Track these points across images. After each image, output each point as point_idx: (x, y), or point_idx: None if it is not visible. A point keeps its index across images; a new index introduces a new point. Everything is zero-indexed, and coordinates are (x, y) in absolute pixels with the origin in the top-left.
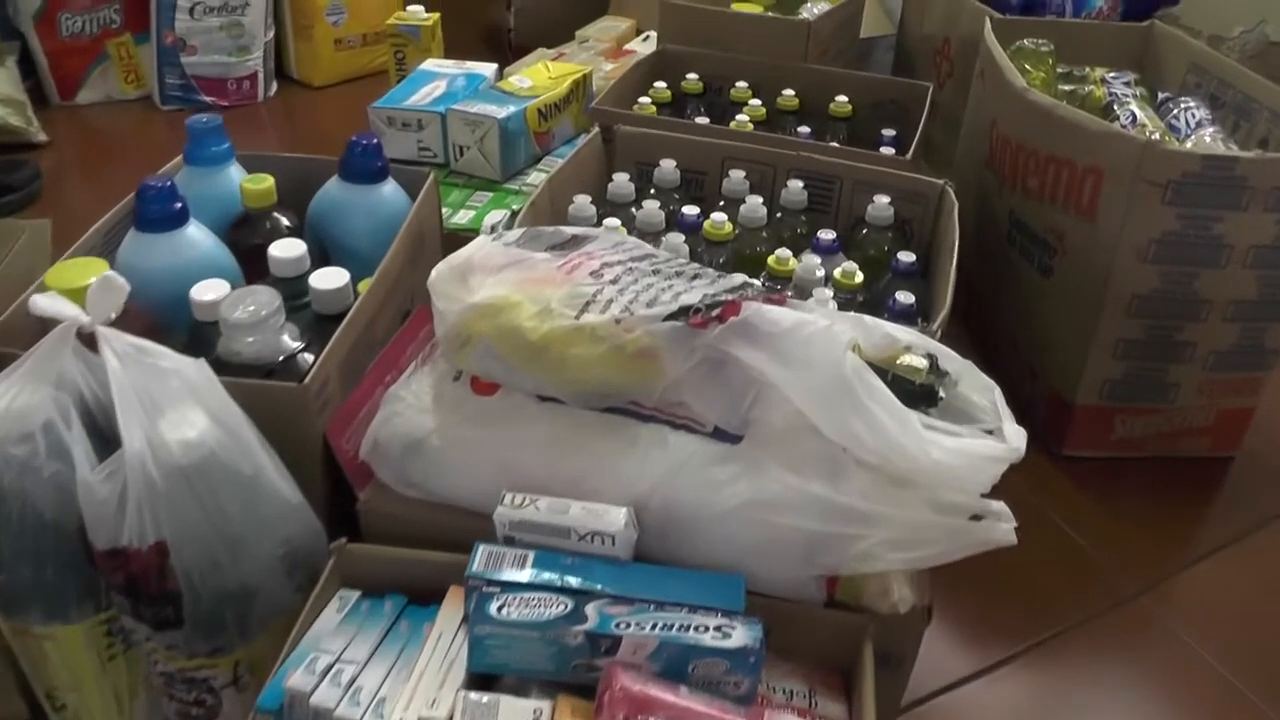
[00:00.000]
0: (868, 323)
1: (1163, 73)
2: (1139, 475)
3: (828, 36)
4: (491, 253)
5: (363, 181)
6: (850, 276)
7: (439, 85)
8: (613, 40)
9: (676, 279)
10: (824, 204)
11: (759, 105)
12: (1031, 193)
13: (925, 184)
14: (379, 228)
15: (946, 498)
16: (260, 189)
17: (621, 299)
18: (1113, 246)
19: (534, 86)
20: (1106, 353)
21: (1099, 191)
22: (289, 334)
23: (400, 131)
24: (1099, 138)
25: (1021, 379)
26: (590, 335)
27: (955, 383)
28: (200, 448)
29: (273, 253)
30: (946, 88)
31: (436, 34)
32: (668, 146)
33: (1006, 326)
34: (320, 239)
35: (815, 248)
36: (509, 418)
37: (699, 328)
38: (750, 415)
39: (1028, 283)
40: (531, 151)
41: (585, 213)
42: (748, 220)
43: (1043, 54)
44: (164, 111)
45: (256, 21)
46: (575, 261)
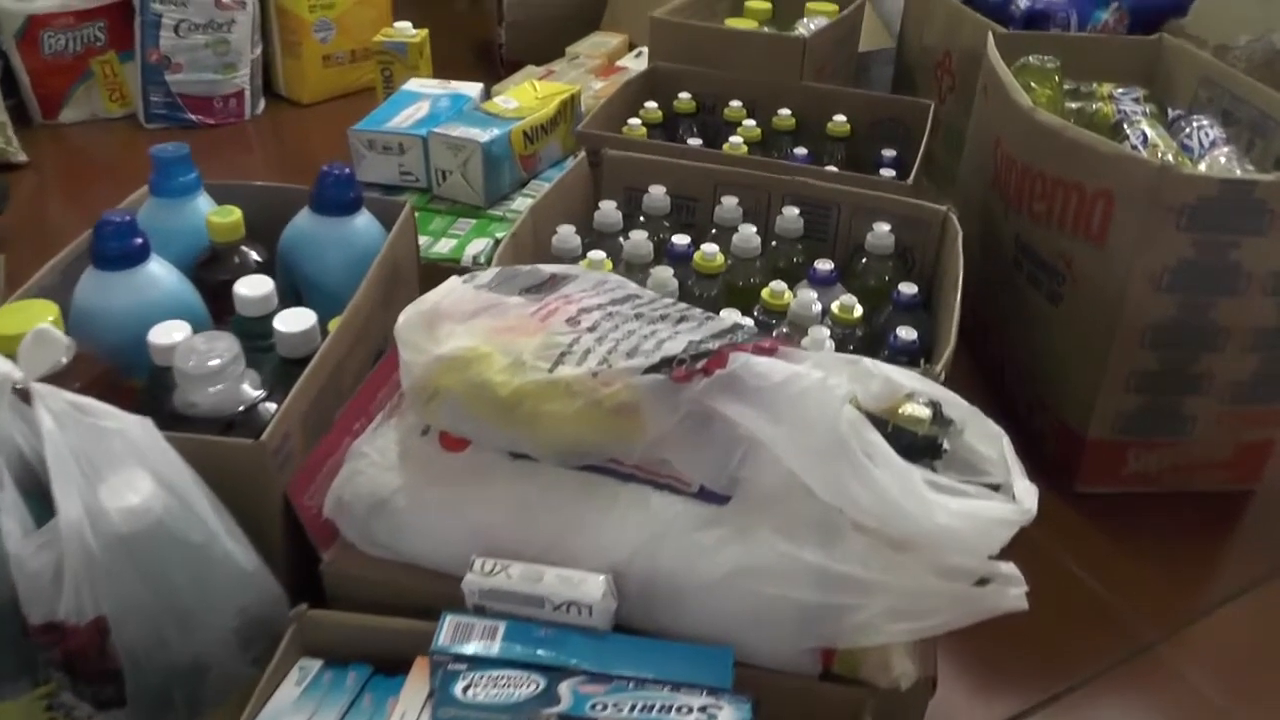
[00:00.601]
0: (866, 367)
1: (1172, 87)
2: (1154, 511)
3: (825, 53)
4: (461, 298)
5: (335, 213)
6: (849, 311)
7: (422, 106)
8: (604, 57)
9: (660, 323)
10: (821, 231)
11: (754, 126)
12: (1039, 217)
13: (927, 210)
14: (352, 262)
15: (951, 562)
16: (227, 222)
17: (599, 349)
18: (1125, 274)
19: (520, 107)
20: (1119, 385)
21: (1110, 217)
22: (250, 382)
23: (381, 155)
24: (1110, 160)
25: (1030, 410)
26: (565, 390)
27: (960, 431)
28: (144, 515)
29: (238, 291)
30: (948, 102)
31: (424, 51)
32: (657, 171)
33: (1013, 355)
34: (291, 274)
35: (812, 278)
36: (479, 476)
37: (682, 382)
38: (739, 474)
39: (1035, 310)
40: (517, 176)
41: (569, 244)
42: (741, 251)
43: (1048, 70)
44: (149, 130)
45: (243, 38)
46: (551, 306)
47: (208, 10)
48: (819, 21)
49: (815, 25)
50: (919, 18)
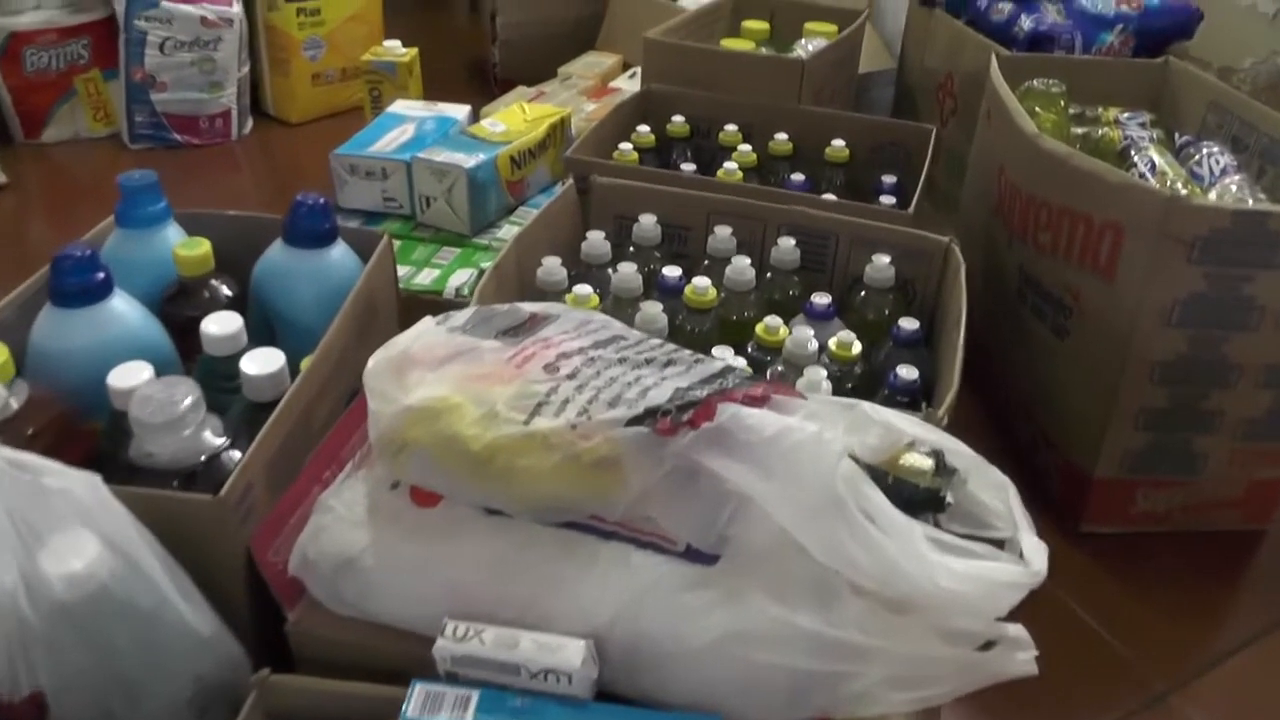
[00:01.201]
0: (864, 412)
1: (1180, 112)
2: (1164, 552)
3: (824, 75)
4: (433, 342)
5: (308, 245)
6: (847, 348)
7: (407, 129)
8: (597, 77)
9: (645, 368)
10: (818, 262)
11: (749, 151)
12: (1044, 247)
13: (929, 241)
14: (327, 297)
15: (955, 625)
16: (195, 255)
17: (579, 398)
18: (1134, 308)
19: (508, 131)
20: (1128, 422)
21: (1118, 249)
22: (212, 429)
23: (364, 180)
24: (1118, 190)
25: (1033, 446)
26: (541, 444)
27: (964, 481)
28: (88, 581)
29: (205, 329)
30: (950, 125)
31: (414, 70)
32: (648, 199)
33: (1016, 388)
34: (264, 309)
35: (808, 313)
36: (452, 533)
37: (667, 435)
38: (728, 532)
39: (1040, 344)
40: (504, 202)
41: (555, 277)
42: (734, 284)
43: (1054, 95)
44: (133, 150)
45: (229, 57)
46: (528, 351)
47: (193, 28)
48: (818, 43)
49: (814, 46)
50: (920, 39)
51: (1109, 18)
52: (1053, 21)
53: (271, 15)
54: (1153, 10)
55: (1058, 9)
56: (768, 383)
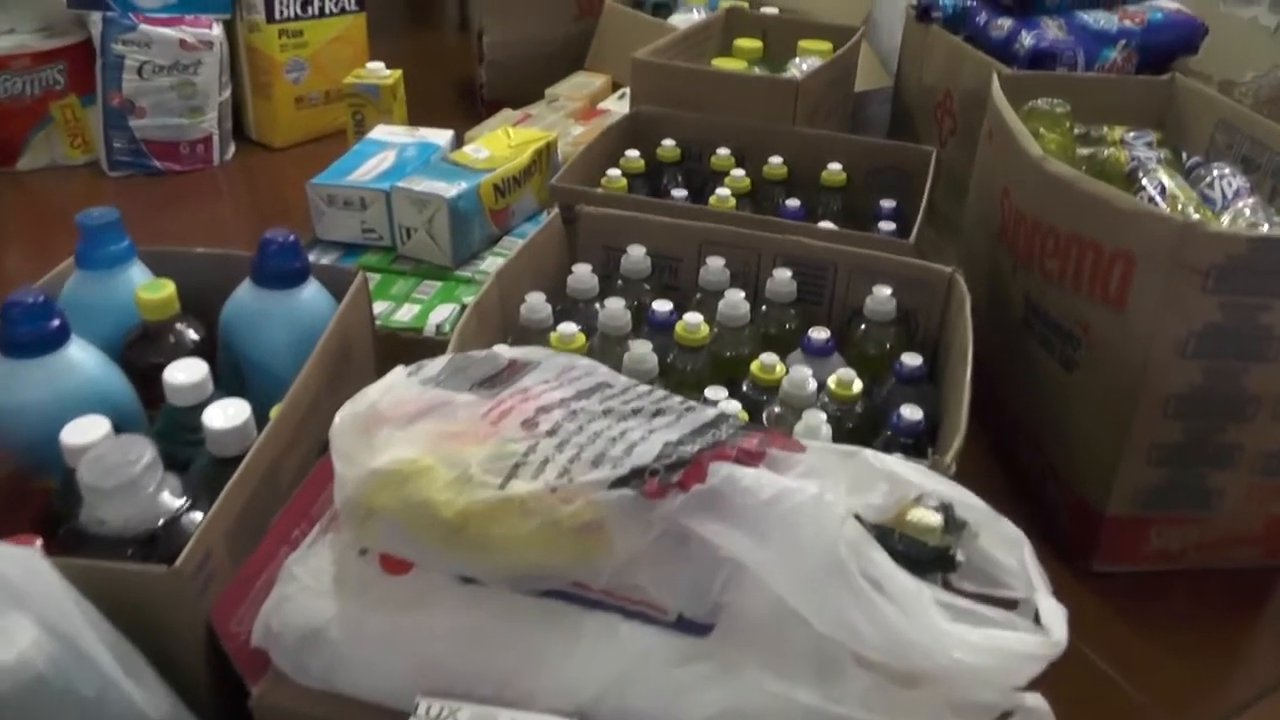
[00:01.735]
0: (866, 461)
1: (1187, 131)
2: (1179, 591)
3: (818, 95)
4: (402, 397)
5: (278, 286)
6: (847, 387)
7: (387, 156)
8: (585, 99)
9: (632, 419)
10: (815, 294)
11: (742, 176)
12: (1051, 275)
13: (931, 272)
14: (299, 340)
15: (969, 698)
16: (158, 299)
17: (560, 457)
18: (1147, 340)
19: (491, 157)
20: (1140, 458)
21: (1130, 278)
22: (170, 490)
23: (342, 211)
24: (1129, 218)
25: (1042, 480)
26: (519, 509)
27: (975, 535)
28: (21, 670)
29: (167, 378)
30: (949, 145)
31: (398, 93)
32: (637, 229)
33: (1023, 421)
34: (233, 354)
35: (806, 349)
36: (424, 602)
37: (655, 498)
38: (722, 599)
39: (1048, 376)
40: (487, 232)
41: (539, 314)
42: (727, 319)
43: (1058, 115)
44: (113, 178)
45: (210, 80)
46: (506, 405)
47: (172, 51)
48: (812, 61)
49: (808, 65)
50: (917, 55)
51: (1111, 33)
52: (1054, 38)
53: (253, 37)
54: (1156, 25)
55: (1059, 25)
56: (763, 431)
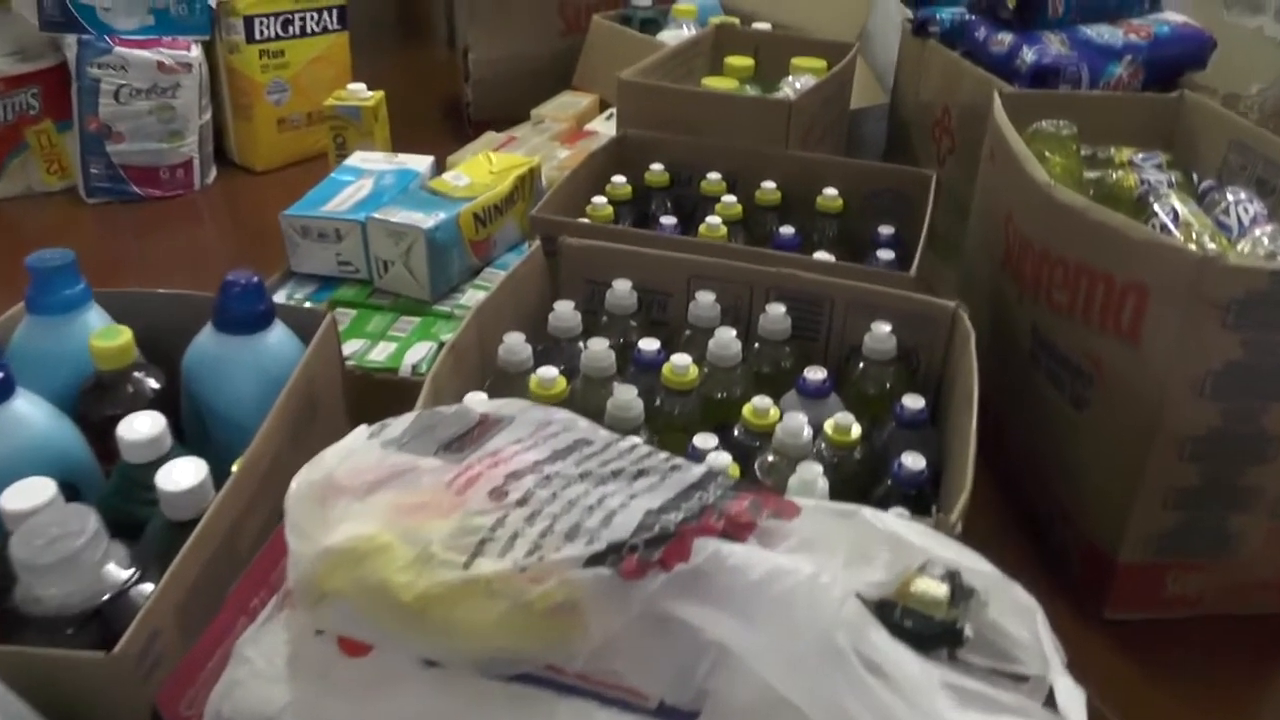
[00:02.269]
0: (867, 522)
1: (1198, 151)
2: (1196, 638)
3: (812, 115)
4: (361, 464)
5: (241, 331)
6: (845, 433)
7: (364, 184)
8: (571, 120)
9: (612, 482)
10: (811, 329)
11: (734, 202)
12: (1059, 307)
13: (934, 307)
14: (265, 388)
15: None
16: (113, 347)
17: (530, 531)
18: (1162, 378)
19: (471, 185)
20: (1155, 502)
21: (1143, 312)
22: (117, 561)
23: (316, 243)
24: (1143, 249)
25: (1050, 522)
26: (484, 591)
27: (984, 603)
28: None
29: (120, 434)
30: (948, 164)
31: (380, 114)
32: (622, 262)
33: (1030, 459)
34: (196, 403)
35: (801, 390)
36: (386, 688)
37: (634, 578)
38: (708, 685)
39: (1057, 413)
40: (467, 264)
41: (518, 356)
42: (718, 359)
43: (1064, 138)
44: (91, 205)
45: (190, 104)
46: (473, 472)
47: (150, 74)
48: (805, 80)
49: (802, 84)
50: (913, 71)
51: (1117, 48)
52: (1057, 53)
53: (233, 58)
54: (1163, 39)
55: (1061, 40)
56: (754, 490)
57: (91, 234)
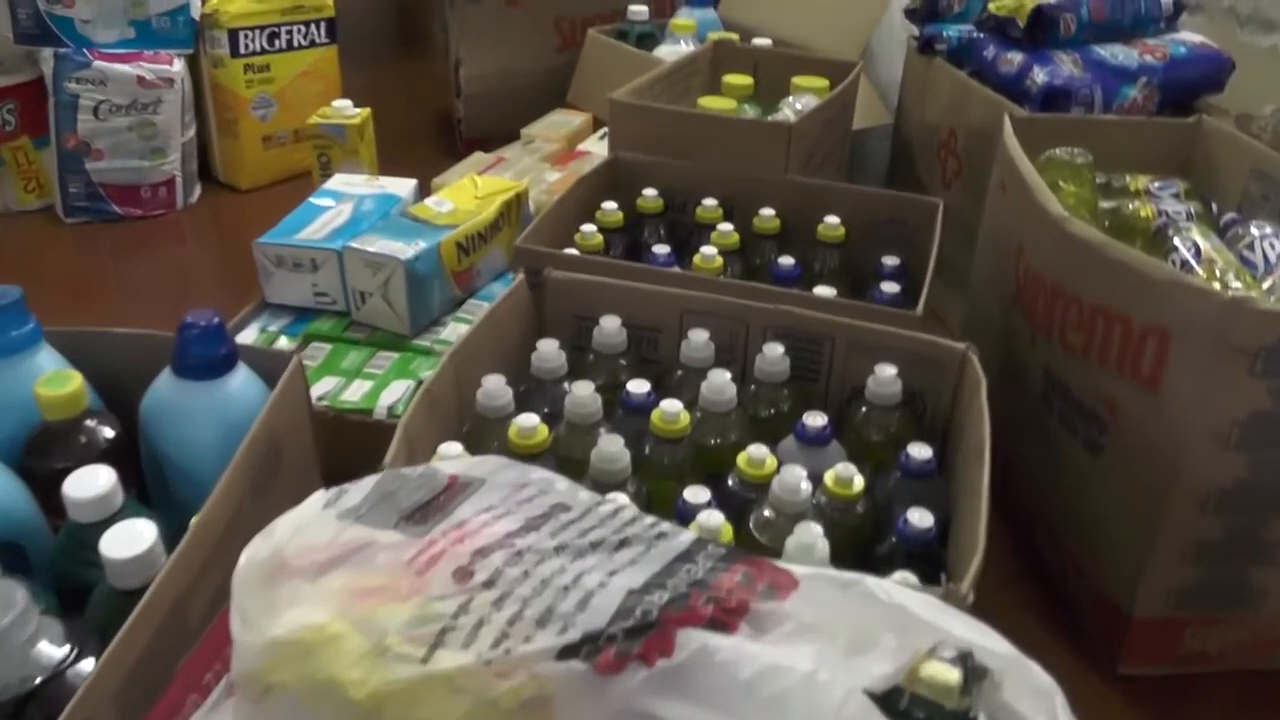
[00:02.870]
0: (871, 595)
1: (1217, 180)
2: (1215, 694)
3: (813, 138)
4: (313, 541)
5: (201, 376)
6: (847, 485)
7: (343, 210)
8: (563, 139)
9: (590, 555)
10: (811, 370)
11: (730, 231)
12: (1073, 349)
13: (942, 349)
14: (227, 438)
15: None
16: (60, 396)
17: (498, 617)
18: (1183, 427)
19: (455, 211)
20: (1174, 556)
21: (1164, 357)
22: (51, 638)
23: (292, 273)
24: (1164, 290)
25: (1061, 572)
26: (446, 687)
27: (998, 685)
28: None
29: (66, 491)
30: (953, 188)
31: (366, 133)
32: (611, 297)
33: (1041, 506)
34: (154, 455)
35: (800, 436)
36: None
37: (611, 673)
38: None
39: (1070, 460)
40: (449, 295)
41: (498, 401)
42: (711, 404)
43: (1079, 166)
44: (69, 225)
45: (171, 120)
46: (436, 548)
47: (130, 89)
48: (806, 100)
49: (802, 104)
50: (918, 90)
51: (1131, 69)
52: (1069, 74)
53: (217, 73)
54: (1180, 60)
55: (1074, 60)
56: (747, 560)
57: (70, 255)
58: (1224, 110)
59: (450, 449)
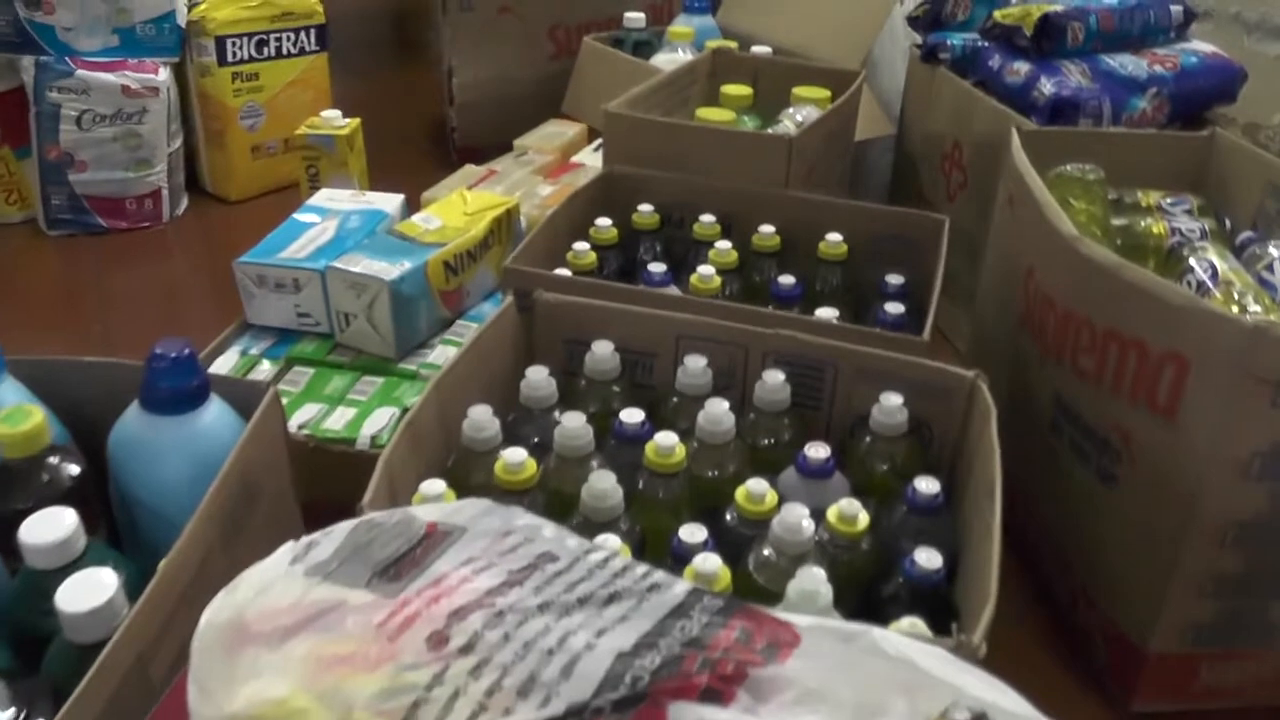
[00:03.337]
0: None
1: (1230, 195)
2: None
3: (815, 151)
4: (277, 603)
5: (171, 411)
6: (851, 523)
7: (327, 227)
8: (556, 151)
9: (578, 612)
10: (812, 397)
11: (729, 249)
12: (1086, 375)
13: (950, 377)
14: (199, 476)
15: None
16: (19, 433)
17: (475, 687)
18: (1202, 458)
19: (443, 228)
20: (1192, 591)
21: (1182, 386)
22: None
23: (274, 293)
24: (1182, 315)
25: (1072, 603)
26: None
27: None
28: None
29: (23, 536)
30: (958, 201)
31: (355, 143)
32: (603, 320)
33: (1051, 534)
34: (122, 493)
35: (802, 469)
36: None
37: None
38: None
39: (1082, 489)
40: (436, 316)
41: (484, 433)
42: (708, 435)
43: (1090, 183)
44: (52, 237)
45: (157, 130)
46: (411, 609)
47: (114, 99)
48: (807, 111)
49: (803, 115)
50: (922, 100)
51: (1141, 80)
52: (1077, 85)
53: (204, 81)
54: (1191, 70)
55: (1082, 70)
56: (746, 614)
57: (53, 268)
58: (1230, 119)
59: (433, 487)
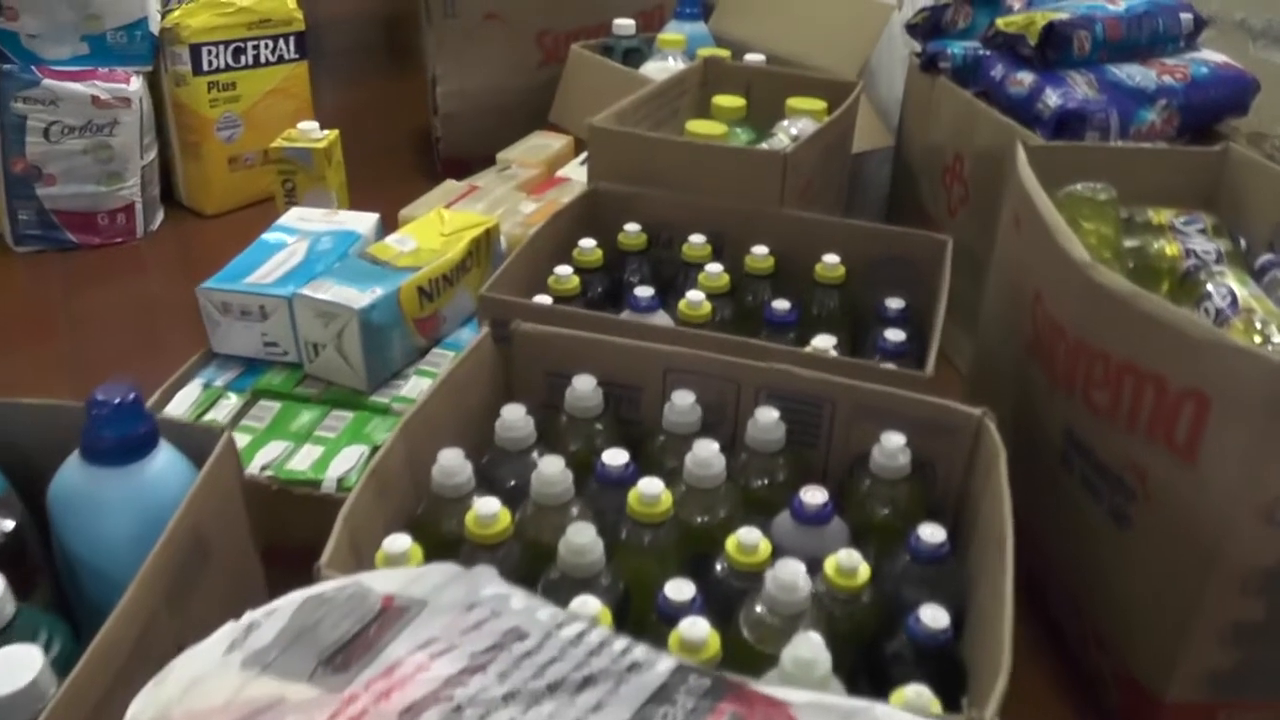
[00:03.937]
0: None
1: (1245, 213)
2: None
3: (810, 166)
4: (207, 702)
5: (115, 462)
6: (850, 576)
7: (296, 250)
8: (541, 165)
9: (548, 701)
10: (808, 435)
11: (720, 272)
12: (1099, 409)
13: (955, 415)
14: (146, 532)
15: None
16: None
17: None
18: (1224, 501)
19: (418, 251)
20: (1211, 639)
21: (1203, 424)
22: None
23: (239, 321)
24: (1203, 349)
25: (1083, 646)
26: None
27: None
28: None
29: None
30: (960, 216)
31: (333, 156)
32: (586, 352)
33: (1061, 575)
34: (64, 550)
35: (797, 515)
36: None
37: None
38: None
39: (1093, 529)
40: (411, 345)
41: (455, 479)
42: (697, 480)
43: (1102, 203)
44: (19, 254)
45: (129, 142)
46: (357, 707)
47: (84, 110)
48: (803, 124)
49: (798, 128)
50: (921, 110)
51: (1149, 91)
52: (1084, 96)
53: (179, 91)
54: (1201, 81)
55: (1089, 81)
56: (735, 696)
57: (20, 287)
58: (1234, 128)
59: (397, 544)
